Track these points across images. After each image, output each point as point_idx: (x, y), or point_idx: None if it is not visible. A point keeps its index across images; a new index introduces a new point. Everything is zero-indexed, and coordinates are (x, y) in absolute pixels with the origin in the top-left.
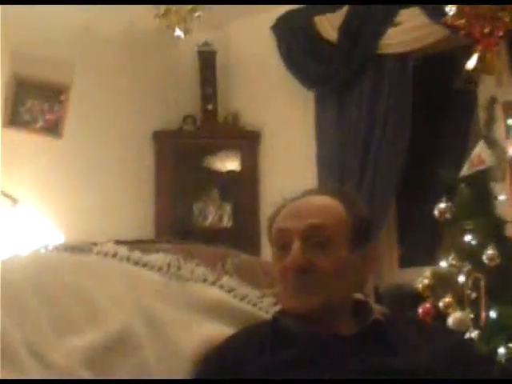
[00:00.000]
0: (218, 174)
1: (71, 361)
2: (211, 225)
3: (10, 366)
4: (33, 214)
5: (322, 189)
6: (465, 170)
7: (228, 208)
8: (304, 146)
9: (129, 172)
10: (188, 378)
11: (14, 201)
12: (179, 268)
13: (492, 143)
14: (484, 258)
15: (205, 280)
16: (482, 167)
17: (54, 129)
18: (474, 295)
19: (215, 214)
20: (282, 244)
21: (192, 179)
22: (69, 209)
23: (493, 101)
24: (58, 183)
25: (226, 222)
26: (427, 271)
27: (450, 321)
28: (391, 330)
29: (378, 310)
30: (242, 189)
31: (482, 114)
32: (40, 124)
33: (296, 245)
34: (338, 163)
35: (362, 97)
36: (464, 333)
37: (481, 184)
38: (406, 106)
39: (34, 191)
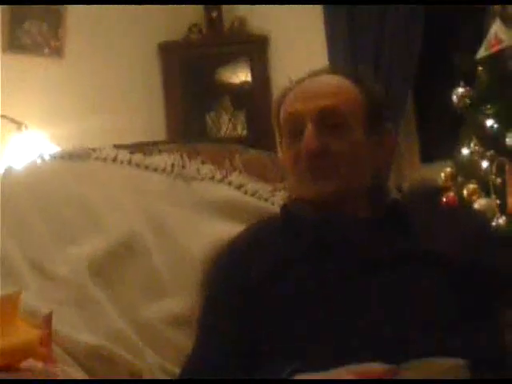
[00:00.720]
0: (230, 84)
1: (74, 269)
2: (225, 134)
3: (10, 279)
4: (39, 138)
5: (333, 68)
6: (482, 52)
7: (242, 116)
8: (314, 48)
9: (136, 87)
10: (198, 280)
11: (19, 125)
12: (184, 167)
13: (508, 21)
14: (507, 141)
15: (212, 177)
16: (499, 47)
17: (57, 53)
18: (498, 180)
19: (229, 122)
20: (292, 129)
21: (203, 90)
22: (76, 131)
23: None
24: (63, 104)
25: (241, 131)
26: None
27: (476, 208)
28: (410, 211)
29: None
30: (255, 96)
31: None
32: (45, 51)
33: (309, 129)
34: (351, 63)
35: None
36: (490, 219)
37: (500, 65)
38: None
39: (39, 115)
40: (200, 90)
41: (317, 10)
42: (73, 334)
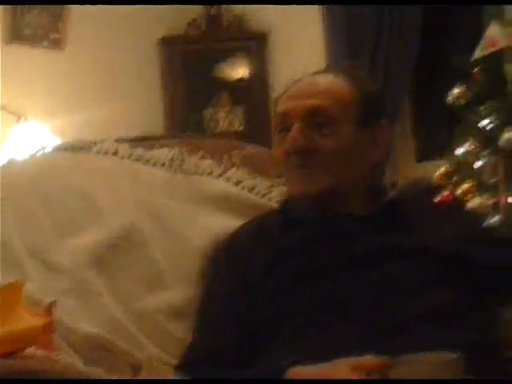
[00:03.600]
0: (228, 79)
1: (75, 260)
2: (223, 129)
3: (12, 269)
4: (38, 130)
5: (326, 68)
6: (478, 53)
7: (239, 112)
8: (313, 44)
9: (136, 81)
10: (197, 273)
11: (18, 117)
12: (183, 161)
13: (504, 23)
14: (501, 141)
15: (211, 172)
16: (495, 48)
17: (58, 45)
18: (493, 180)
19: (226, 118)
20: (283, 128)
21: (201, 86)
22: (75, 123)
23: None
24: (63, 97)
25: (238, 126)
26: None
27: (470, 206)
28: (408, 209)
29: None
30: (253, 92)
31: None
32: (45, 43)
33: (295, 126)
34: (350, 60)
35: None
36: (484, 217)
37: (495, 66)
38: None
39: (39, 106)
40: (198, 85)
41: (315, 7)
42: (73, 324)
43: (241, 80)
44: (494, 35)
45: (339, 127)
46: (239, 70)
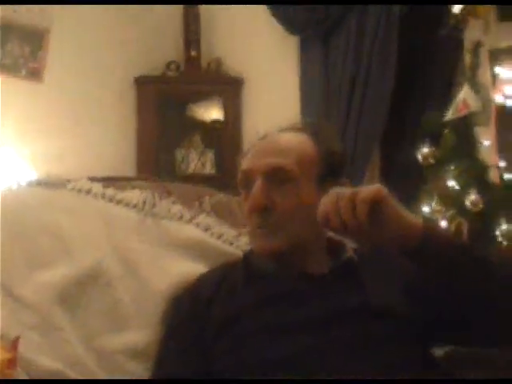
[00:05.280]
0: (202, 121)
1: (41, 296)
2: (194, 171)
3: None
4: (12, 157)
5: (293, 126)
6: (450, 115)
7: (211, 155)
8: (288, 92)
9: (110, 117)
10: (160, 317)
11: None
12: (155, 205)
13: (477, 88)
14: (467, 202)
15: (181, 217)
16: (466, 112)
17: (36, 75)
18: None
19: (198, 160)
20: (246, 185)
21: (174, 126)
22: (49, 153)
23: (478, 45)
24: (38, 127)
25: (209, 169)
26: None
27: None
28: (365, 268)
29: (353, 248)
30: (225, 136)
31: (467, 59)
32: (23, 72)
33: (256, 184)
34: (323, 110)
35: (346, 41)
36: None
37: (465, 129)
38: (392, 48)
39: (14, 134)
40: (172, 125)
41: (293, 54)
42: (36, 359)
43: (214, 122)
44: (467, 98)
45: (299, 185)
46: (213, 113)
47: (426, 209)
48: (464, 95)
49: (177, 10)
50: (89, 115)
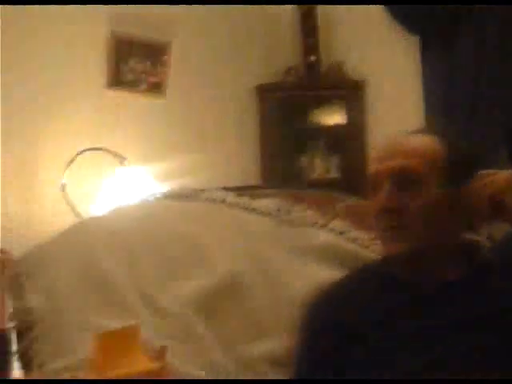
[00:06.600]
0: (325, 126)
1: (181, 306)
2: (319, 176)
3: (124, 313)
4: (140, 173)
5: (420, 128)
6: None
7: (335, 159)
8: (410, 92)
9: (233, 127)
10: (296, 323)
11: (122, 159)
12: (289, 212)
13: None
14: None
15: (315, 223)
16: None
17: (157, 89)
18: None
19: (322, 165)
20: (374, 187)
21: (298, 132)
22: (174, 167)
23: None
24: (162, 142)
25: (334, 174)
26: None
27: None
28: (501, 269)
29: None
30: (349, 140)
31: None
32: (144, 86)
33: (384, 187)
34: (448, 110)
35: (467, 40)
36: None
37: None
38: None
39: (140, 150)
40: (295, 132)
41: (414, 54)
42: (181, 367)
43: (337, 127)
44: None
45: (428, 187)
46: (336, 117)
47: None
48: None
49: (294, 14)
50: (211, 128)
